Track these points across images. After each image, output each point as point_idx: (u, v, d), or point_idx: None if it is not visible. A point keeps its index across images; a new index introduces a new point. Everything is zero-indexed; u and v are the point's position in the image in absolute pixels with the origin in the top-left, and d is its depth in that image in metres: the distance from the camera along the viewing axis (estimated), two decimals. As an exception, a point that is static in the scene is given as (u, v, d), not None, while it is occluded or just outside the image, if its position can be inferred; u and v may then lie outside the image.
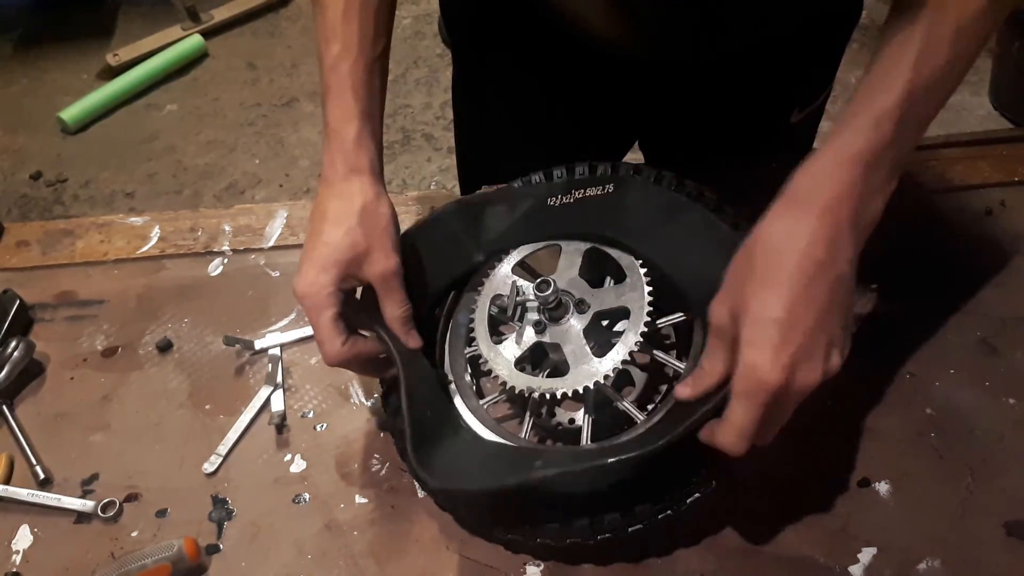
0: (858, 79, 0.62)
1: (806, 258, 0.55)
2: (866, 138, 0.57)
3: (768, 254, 0.57)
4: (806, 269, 0.55)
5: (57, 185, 2.48)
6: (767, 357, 0.55)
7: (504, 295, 0.76)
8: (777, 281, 0.56)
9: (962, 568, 0.68)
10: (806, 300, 0.55)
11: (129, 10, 3.01)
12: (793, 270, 0.55)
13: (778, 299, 0.55)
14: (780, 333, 0.55)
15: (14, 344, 0.85)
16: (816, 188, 0.58)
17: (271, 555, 0.73)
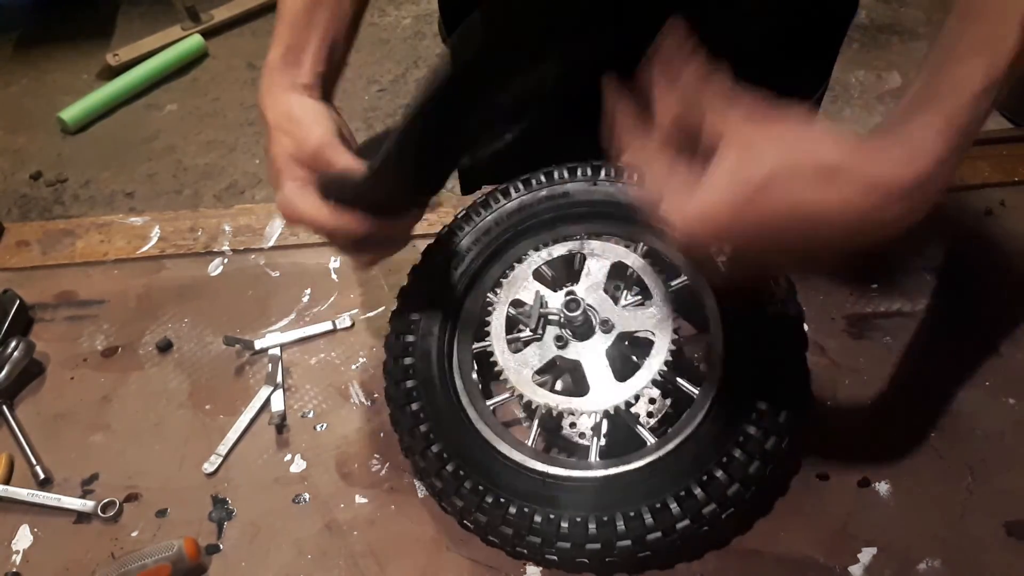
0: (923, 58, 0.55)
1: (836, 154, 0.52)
2: (965, 109, 0.52)
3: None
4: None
5: (57, 185, 2.48)
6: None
7: (525, 301, 0.75)
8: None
9: (962, 568, 0.68)
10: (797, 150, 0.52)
11: (129, 10, 3.01)
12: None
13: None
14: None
15: (14, 344, 0.85)
16: (905, 131, 0.53)
17: (271, 555, 0.73)
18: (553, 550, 0.67)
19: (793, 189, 0.51)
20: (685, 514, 0.65)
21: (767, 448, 0.67)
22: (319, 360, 0.86)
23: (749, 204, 0.52)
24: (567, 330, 0.73)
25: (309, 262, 0.95)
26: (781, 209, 0.52)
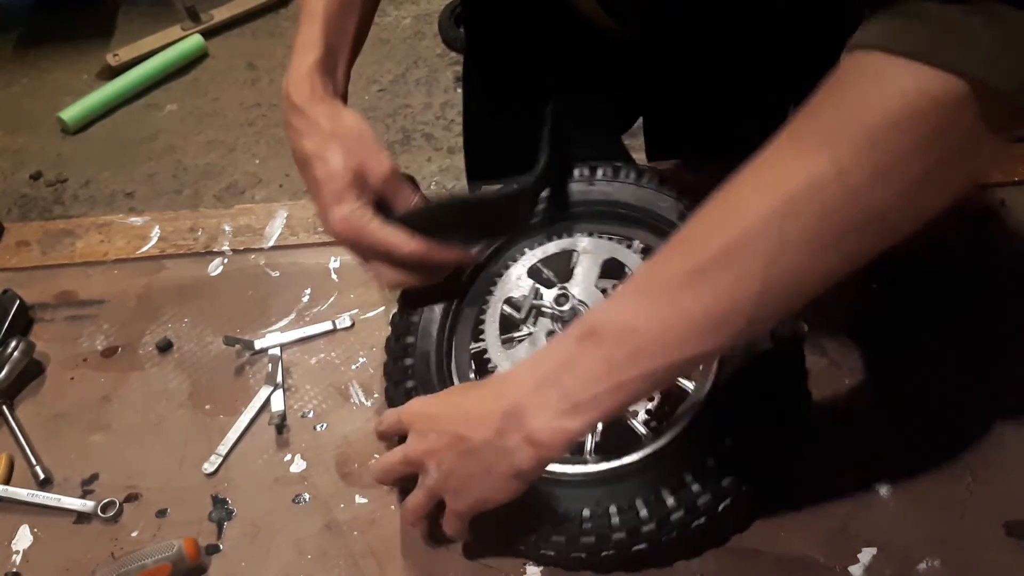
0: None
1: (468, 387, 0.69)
2: (556, 349, 0.59)
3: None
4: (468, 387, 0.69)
5: (57, 185, 2.48)
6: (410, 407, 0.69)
7: (517, 297, 0.76)
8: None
9: (962, 568, 0.68)
10: (450, 400, 0.67)
11: (129, 10, 3.01)
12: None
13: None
14: (426, 402, 0.70)
15: (14, 344, 0.85)
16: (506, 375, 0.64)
17: (271, 555, 0.73)
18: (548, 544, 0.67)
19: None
20: (680, 505, 0.65)
21: (761, 440, 0.67)
22: (319, 360, 0.86)
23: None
24: (558, 324, 0.74)
25: (309, 262, 0.95)
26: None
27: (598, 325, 0.56)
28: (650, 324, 0.53)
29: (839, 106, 0.48)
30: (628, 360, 0.54)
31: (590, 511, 0.67)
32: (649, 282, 0.56)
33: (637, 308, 0.55)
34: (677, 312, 0.53)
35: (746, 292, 0.50)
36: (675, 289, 0.53)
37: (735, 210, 0.51)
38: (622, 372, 0.54)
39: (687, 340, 0.53)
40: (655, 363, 0.54)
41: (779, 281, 0.50)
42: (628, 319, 0.55)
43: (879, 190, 0.47)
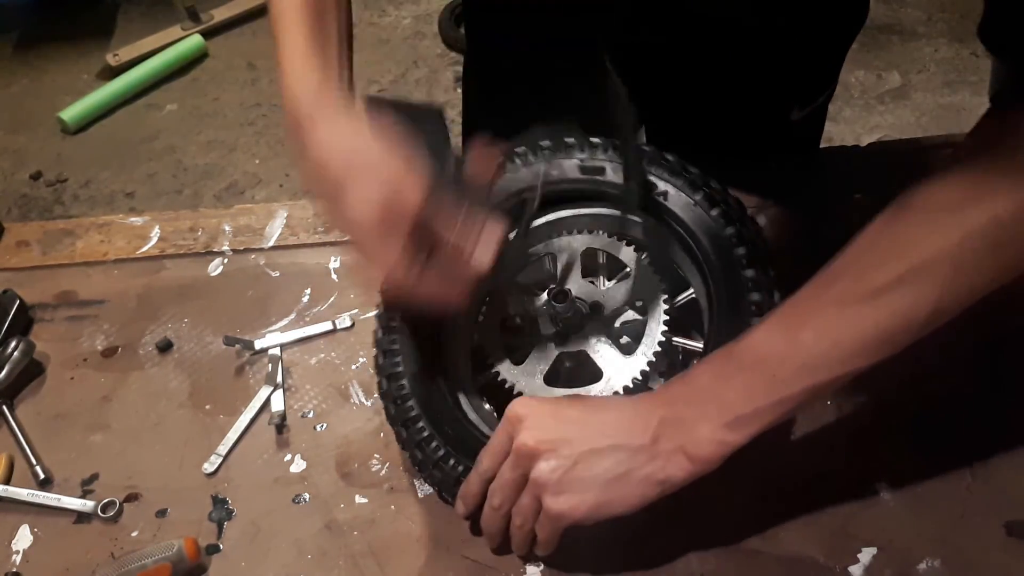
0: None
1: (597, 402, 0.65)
2: (713, 367, 0.61)
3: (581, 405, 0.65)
4: (590, 402, 0.65)
5: (57, 185, 2.48)
6: (529, 433, 0.62)
7: (510, 314, 0.75)
8: (570, 401, 0.66)
9: (962, 568, 0.68)
10: (582, 419, 0.63)
11: (129, 10, 3.01)
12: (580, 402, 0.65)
13: (559, 405, 0.65)
14: (545, 417, 0.64)
15: (14, 344, 0.85)
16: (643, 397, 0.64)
17: (271, 555, 0.73)
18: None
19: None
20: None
21: None
22: (319, 360, 0.86)
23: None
24: (561, 325, 0.73)
25: (309, 262, 0.95)
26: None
27: (759, 344, 0.59)
28: (820, 341, 0.58)
29: (1014, 156, 0.54)
30: (794, 375, 0.58)
31: None
32: (816, 304, 0.59)
33: (804, 327, 0.58)
34: (850, 329, 0.57)
35: (919, 312, 0.57)
36: (847, 308, 0.58)
37: (911, 242, 0.57)
38: (786, 387, 0.58)
39: (856, 355, 0.58)
40: (821, 378, 0.58)
41: (950, 302, 0.57)
42: (794, 337, 0.58)
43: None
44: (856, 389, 0.78)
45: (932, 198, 0.58)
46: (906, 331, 0.58)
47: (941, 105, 2.44)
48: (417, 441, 0.71)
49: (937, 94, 2.47)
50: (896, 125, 2.39)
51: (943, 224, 0.56)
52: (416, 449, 0.71)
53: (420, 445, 0.71)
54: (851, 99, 2.48)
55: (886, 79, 2.53)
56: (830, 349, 0.58)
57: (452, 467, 0.69)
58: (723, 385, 0.59)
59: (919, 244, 0.57)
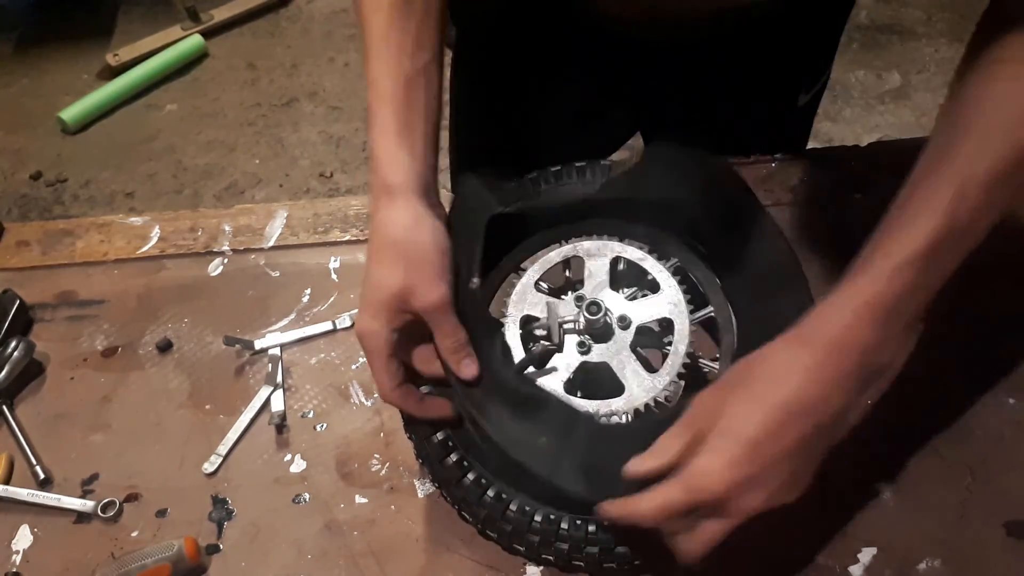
0: (896, 196, 0.61)
1: (794, 396, 0.56)
2: (884, 286, 0.57)
3: (763, 377, 0.58)
4: (791, 406, 0.56)
5: (57, 185, 2.48)
6: (718, 467, 0.56)
7: (536, 316, 0.73)
8: (760, 406, 0.57)
9: (962, 568, 0.68)
10: (779, 435, 0.56)
11: (129, 10, 3.01)
12: (778, 402, 0.56)
13: (753, 422, 0.56)
14: (741, 452, 0.56)
15: (14, 344, 0.85)
16: (824, 330, 0.58)
17: (271, 555, 0.73)
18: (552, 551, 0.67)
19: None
20: None
21: None
22: (319, 360, 0.86)
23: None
24: (587, 335, 0.72)
25: (309, 262, 0.95)
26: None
27: (929, 248, 0.57)
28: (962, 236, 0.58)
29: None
30: (954, 264, 0.58)
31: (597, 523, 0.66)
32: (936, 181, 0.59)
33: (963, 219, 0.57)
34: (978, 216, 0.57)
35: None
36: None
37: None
38: (943, 279, 0.58)
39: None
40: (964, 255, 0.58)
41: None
42: (949, 238, 0.57)
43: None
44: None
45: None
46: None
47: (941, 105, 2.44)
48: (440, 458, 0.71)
49: (937, 94, 2.47)
50: (896, 125, 2.39)
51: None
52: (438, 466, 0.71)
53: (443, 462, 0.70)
54: (851, 99, 2.48)
55: (886, 79, 2.53)
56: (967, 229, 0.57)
57: (473, 484, 0.69)
58: (907, 297, 0.57)
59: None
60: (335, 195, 2.36)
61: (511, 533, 0.68)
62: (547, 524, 0.66)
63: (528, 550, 0.68)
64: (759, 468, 0.56)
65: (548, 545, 0.67)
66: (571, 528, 0.66)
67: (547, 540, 0.67)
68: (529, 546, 0.68)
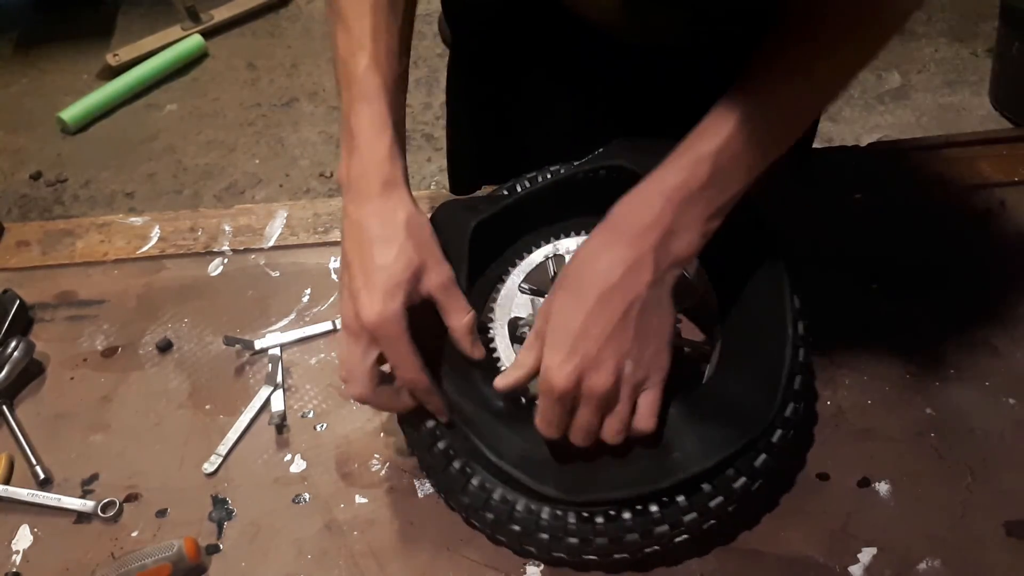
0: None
1: (604, 279, 0.62)
2: (683, 176, 0.63)
3: (576, 271, 0.63)
4: (602, 289, 0.62)
5: (57, 185, 2.48)
6: (556, 361, 0.62)
7: (521, 317, 0.74)
8: (577, 296, 0.62)
9: (962, 568, 0.68)
10: (598, 316, 0.61)
11: (129, 10, 3.01)
12: (591, 288, 0.62)
13: (574, 312, 0.62)
14: (571, 342, 0.61)
15: (14, 344, 0.85)
16: (628, 216, 0.63)
17: (271, 555, 0.73)
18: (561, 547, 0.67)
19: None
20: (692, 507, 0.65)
21: (772, 440, 0.67)
22: (319, 360, 0.86)
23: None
24: None
25: (309, 262, 0.95)
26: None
27: (718, 147, 0.63)
28: (765, 130, 0.64)
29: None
30: (752, 167, 0.65)
31: (604, 513, 0.66)
32: (753, 92, 0.65)
33: (747, 121, 0.63)
34: (784, 112, 0.65)
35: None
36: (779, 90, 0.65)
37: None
38: (748, 176, 0.65)
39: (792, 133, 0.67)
40: (773, 156, 0.65)
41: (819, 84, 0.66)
42: (742, 135, 0.63)
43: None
44: (856, 389, 0.78)
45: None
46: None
47: (941, 105, 2.44)
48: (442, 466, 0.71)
49: (937, 94, 2.47)
50: (896, 125, 2.39)
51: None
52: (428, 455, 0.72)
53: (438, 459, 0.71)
54: (851, 99, 2.48)
55: (886, 79, 2.52)
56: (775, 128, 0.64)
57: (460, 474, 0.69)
58: (689, 195, 0.63)
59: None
60: (335, 195, 2.36)
61: (520, 534, 0.68)
62: (555, 520, 0.66)
63: (539, 549, 0.68)
64: (594, 350, 0.61)
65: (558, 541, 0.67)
66: (578, 522, 0.66)
67: (556, 537, 0.67)
68: (540, 545, 0.68)
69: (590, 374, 0.62)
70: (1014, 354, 0.80)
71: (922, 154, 0.97)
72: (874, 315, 0.83)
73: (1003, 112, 2.37)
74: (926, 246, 0.89)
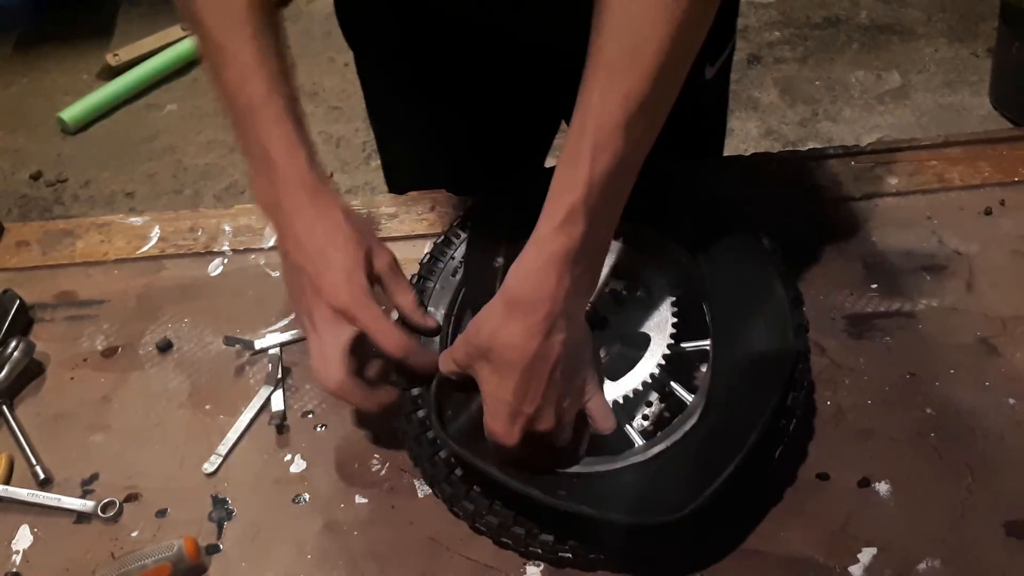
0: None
1: (521, 353, 0.64)
2: (562, 238, 0.63)
3: (491, 342, 0.65)
4: (524, 363, 0.64)
5: (57, 185, 2.48)
6: (501, 429, 0.66)
7: None
8: (501, 372, 0.65)
9: (962, 568, 0.68)
10: (527, 387, 0.64)
11: (129, 10, 3.01)
12: (512, 363, 0.64)
13: (504, 386, 0.65)
14: (508, 412, 0.65)
15: (14, 344, 0.85)
16: (525, 289, 0.64)
17: (271, 555, 0.73)
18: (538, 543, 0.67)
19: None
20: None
21: (757, 453, 0.66)
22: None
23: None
24: None
25: (309, 262, 0.95)
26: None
27: (587, 194, 0.62)
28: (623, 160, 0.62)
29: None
30: (622, 198, 0.65)
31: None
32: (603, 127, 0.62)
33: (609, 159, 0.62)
34: (639, 137, 0.63)
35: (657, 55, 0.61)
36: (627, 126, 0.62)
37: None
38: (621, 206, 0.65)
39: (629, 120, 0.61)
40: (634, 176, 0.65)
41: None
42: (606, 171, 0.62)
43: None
44: (856, 389, 0.78)
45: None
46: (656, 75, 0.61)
47: (941, 105, 2.44)
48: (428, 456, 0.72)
49: (937, 94, 2.47)
50: (896, 125, 2.39)
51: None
52: (427, 464, 0.72)
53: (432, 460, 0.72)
54: (851, 99, 2.48)
55: (886, 79, 2.53)
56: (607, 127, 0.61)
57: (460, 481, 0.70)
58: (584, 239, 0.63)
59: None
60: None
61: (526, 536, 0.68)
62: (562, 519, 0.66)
63: (545, 550, 0.68)
64: (531, 411, 0.65)
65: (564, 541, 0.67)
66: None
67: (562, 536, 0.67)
68: (544, 546, 0.68)
69: (533, 425, 0.66)
70: (1014, 354, 0.80)
71: (922, 154, 0.97)
72: (874, 315, 0.83)
73: (1003, 112, 2.37)
74: (926, 246, 0.89)
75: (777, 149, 2.29)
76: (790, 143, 2.36)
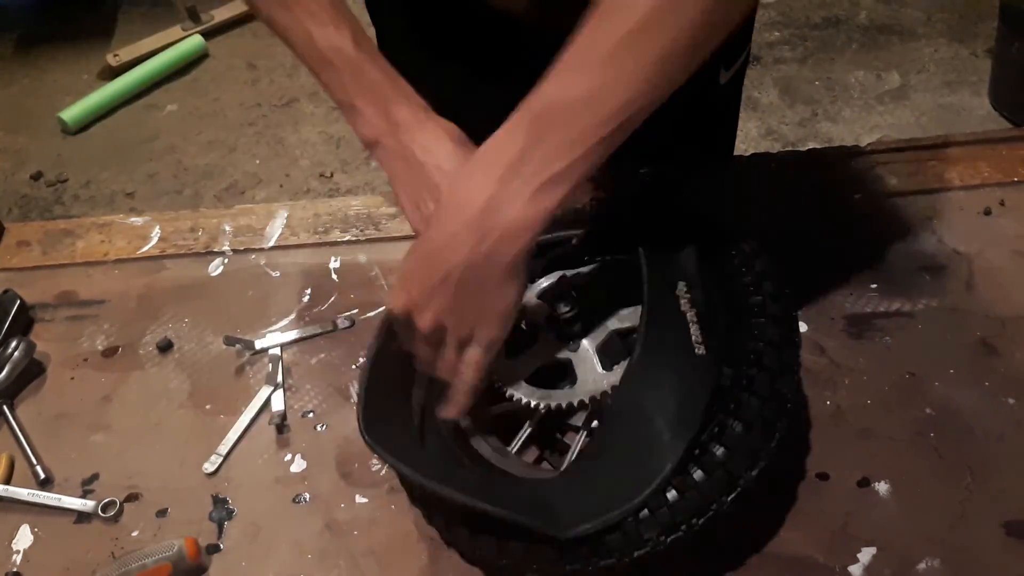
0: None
1: (427, 246, 0.65)
2: (506, 145, 0.62)
3: (424, 234, 0.66)
4: (426, 253, 0.65)
5: (57, 185, 2.48)
6: (395, 289, 0.67)
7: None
8: (414, 253, 0.66)
9: (962, 568, 0.68)
10: (422, 273, 0.65)
11: (129, 10, 3.02)
12: (419, 248, 0.65)
13: (409, 263, 0.66)
14: (403, 282, 0.66)
15: (14, 344, 0.85)
16: (455, 190, 0.64)
17: (271, 555, 0.73)
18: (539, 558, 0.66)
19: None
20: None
21: (751, 445, 0.65)
22: (319, 360, 0.86)
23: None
24: (558, 331, 0.72)
25: (309, 262, 0.95)
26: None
27: (545, 108, 0.61)
28: (603, 92, 0.60)
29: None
30: (587, 131, 0.60)
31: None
32: (585, 58, 0.61)
33: (580, 82, 0.60)
34: (620, 75, 0.60)
35: (669, 46, 0.60)
36: (612, 58, 0.60)
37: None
38: (583, 143, 0.60)
39: (633, 98, 0.60)
40: (611, 126, 0.60)
41: (687, 32, 0.61)
42: (576, 94, 0.60)
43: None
44: (856, 389, 0.79)
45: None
46: (665, 63, 0.61)
47: (941, 105, 2.44)
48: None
49: (937, 94, 2.47)
50: (896, 125, 2.39)
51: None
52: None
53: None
54: (851, 99, 2.48)
55: (886, 79, 2.53)
56: (611, 98, 0.60)
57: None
58: (523, 159, 0.61)
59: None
60: (335, 195, 2.36)
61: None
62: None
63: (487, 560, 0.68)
64: (417, 295, 0.65)
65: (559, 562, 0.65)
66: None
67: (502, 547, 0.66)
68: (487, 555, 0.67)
69: (416, 315, 0.65)
70: (1014, 354, 0.80)
71: (922, 154, 0.97)
72: (874, 315, 0.83)
73: (1002, 112, 2.37)
74: (926, 246, 0.89)
75: (777, 149, 2.29)
76: (790, 143, 2.36)
